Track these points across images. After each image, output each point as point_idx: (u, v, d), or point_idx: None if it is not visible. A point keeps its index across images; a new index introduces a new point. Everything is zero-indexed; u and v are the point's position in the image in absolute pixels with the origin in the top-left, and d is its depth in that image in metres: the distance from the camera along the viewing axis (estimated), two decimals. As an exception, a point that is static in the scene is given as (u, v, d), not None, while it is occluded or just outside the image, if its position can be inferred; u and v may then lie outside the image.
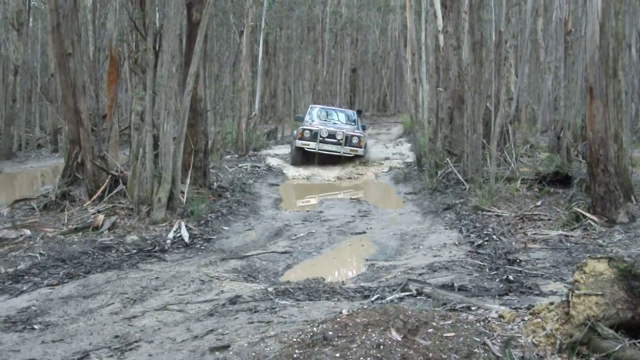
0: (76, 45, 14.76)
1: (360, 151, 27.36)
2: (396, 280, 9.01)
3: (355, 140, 27.16)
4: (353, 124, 29.77)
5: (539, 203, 14.75)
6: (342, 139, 26.86)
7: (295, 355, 5.15)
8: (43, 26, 41.64)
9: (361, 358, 4.96)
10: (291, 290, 8.34)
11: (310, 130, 26.92)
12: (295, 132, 28.39)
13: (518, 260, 10.00)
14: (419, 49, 26.70)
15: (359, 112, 33.85)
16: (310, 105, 33.00)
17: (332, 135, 26.93)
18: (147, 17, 14.20)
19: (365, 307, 6.85)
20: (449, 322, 5.77)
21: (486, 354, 5.18)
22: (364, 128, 30.78)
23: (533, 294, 7.93)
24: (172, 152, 13.55)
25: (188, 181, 15.17)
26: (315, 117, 29.82)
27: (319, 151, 26.79)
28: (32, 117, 41.83)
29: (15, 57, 31.65)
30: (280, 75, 51.36)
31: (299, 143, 26.86)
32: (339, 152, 26.90)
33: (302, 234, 13.19)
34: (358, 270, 10.60)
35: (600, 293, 5.38)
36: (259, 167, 24.80)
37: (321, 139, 26.73)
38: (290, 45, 50.41)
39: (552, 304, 6.00)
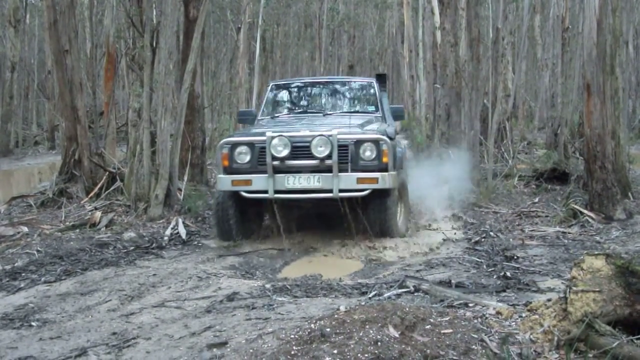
0: (73, 42, 14.77)
1: (383, 180, 10.93)
2: (394, 276, 9.01)
3: (369, 153, 11.08)
4: (372, 109, 13.51)
5: (536, 200, 14.79)
6: (327, 155, 10.91)
7: (293, 352, 5.15)
8: (40, 23, 41.62)
9: (359, 354, 4.96)
10: (289, 287, 8.33)
11: (251, 145, 11.31)
12: (217, 154, 11.75)
13: (515, 257, 10.01)
14: (416, 46, 26.75)
15: (381, 78, 14.35)
16: (271, 84, 14.68)
17: (302, 149, 11.06)
18: (144, 14, 14.23)
19: (363, 303, 6.84)
20: (447, 318, 5.77)
21: (484, 351, 5.19)
22: (399, 115, 13.58)
23: (530, 290, 7.94)
24: (170, 149, 13.54)
25: (185, 178, 15.15)
26: (282, 109, 14.04)
27: (277, 197, 11.20)
28: (29, 114, 41.87)
29: (12, 54, 31.64)
30: (277, 71, 51.31)
31: (225, 182, 11.35)
32: (330, 191, 10.93)
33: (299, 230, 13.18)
34: (355, 266, 10.60)
35: (597, 290, 5.39)
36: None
37: (278, 162, 11.02)
38: (288, 42, 50.39)
39: (549, 300, 6.00)
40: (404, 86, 30.87)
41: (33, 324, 7.16)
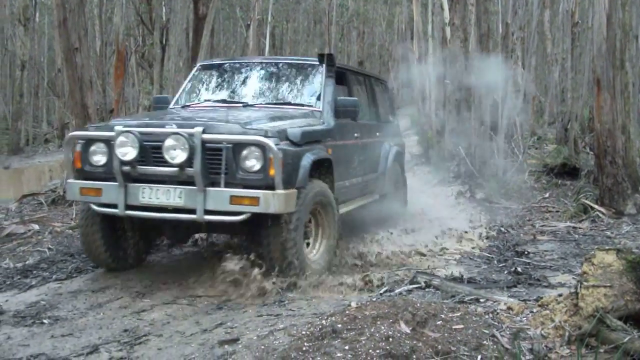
0: (83, 40, 14.80)
1: (266, 202, 7.59)
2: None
3: (252, 162, 7.79)
4: (312, 100, 9.88)
5: (546, 195, 14.78)
6: (184, 161, 7.74)
7: (304, 348, 5.16)
8: (49, 21, 41.74)
9: (370, 350, 4.97)
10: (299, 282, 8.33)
11: (108, 142, 8.28)
12: (66, 152, 9.94)
13: (526, 252, 10.01)
14: (425, 42, 26.67)
15: (324, 59, 10.16)
16: (199, 64, 11.62)
17: (155, 152, 7.99)
18: (154, 12, 14.28)
19: (374, 299, 6.85)
20: (458, 314, 5.77)
21: (495, 346, 5.19)
22: (348, 111, 9.83)
23: (541, 285, 7.94)
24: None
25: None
26: (202, 96, 10.74)
27: (128, 214, 8.25)
28: (40, 112, 42.01)
29: (22, 52, 31.75)
30: (287, 68, 51.36)
31: (73, 190, 8.57)
32: (194, 212, 7.82)
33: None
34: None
35: (608, 285, 5.39)
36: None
37: (128, 167, 8.08)
38: (297, 38, 50.37)
39: (560, 295, 6.01)
40: (413, 82, 30.77)
41: (45, 321, 7.17)
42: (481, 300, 6.78)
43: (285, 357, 5.10)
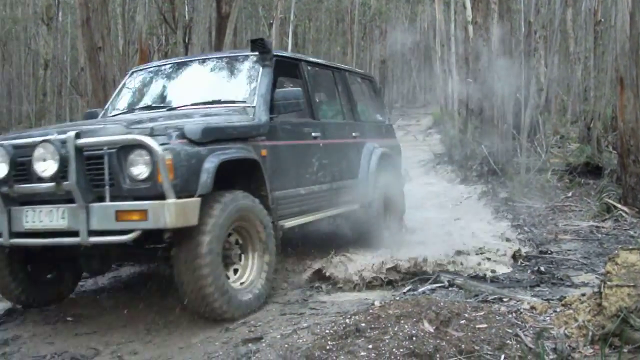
0: (106, 39, 14.84)
1: (155, 215, 6.12)
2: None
3: (139, 168, 6.32)
4: (245, 95, 8.30)
5: (569, 194, 14.71)
6: (55, 174, 6.39)
7: (328, 347, 5.17)
8: (72, 20, 41.77)
9: (394, 349, 4.97)
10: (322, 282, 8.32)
11: None
12: None
13: (549, 252, 9.97)
14: (448, 40, 26.65)
15: (258, 46, 8.68)
16: (131, 70, 10.14)
17: (31, 163, 6.60)
18: (177, 10, 14.29)
19: (397, 298, 6.86)
20: (481, 313, 5.77)
21: (518, 345, 5.18)
22: (289, 104, 8.20)
23: (564, 285, 7.91)
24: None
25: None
26: (128, 104, 9.23)
27: (14, 243, 6.80)
28: (63, 111, 42.05)
29: (45, 51, 31.85)
30: (309, 67, 51.26)
31: None
32: (78, 235, 6.35)
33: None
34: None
35: (632, 284, 5.37)
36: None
37: (5, 187, 6.76)
38: (320, 37, 50.37)
39: (583, 295, 6.00)
40: (436, 80, 30.78)
41: (69, 319, 7.22)
42: (504, 299, 6.78)
43: (309, 355, 5.12)
